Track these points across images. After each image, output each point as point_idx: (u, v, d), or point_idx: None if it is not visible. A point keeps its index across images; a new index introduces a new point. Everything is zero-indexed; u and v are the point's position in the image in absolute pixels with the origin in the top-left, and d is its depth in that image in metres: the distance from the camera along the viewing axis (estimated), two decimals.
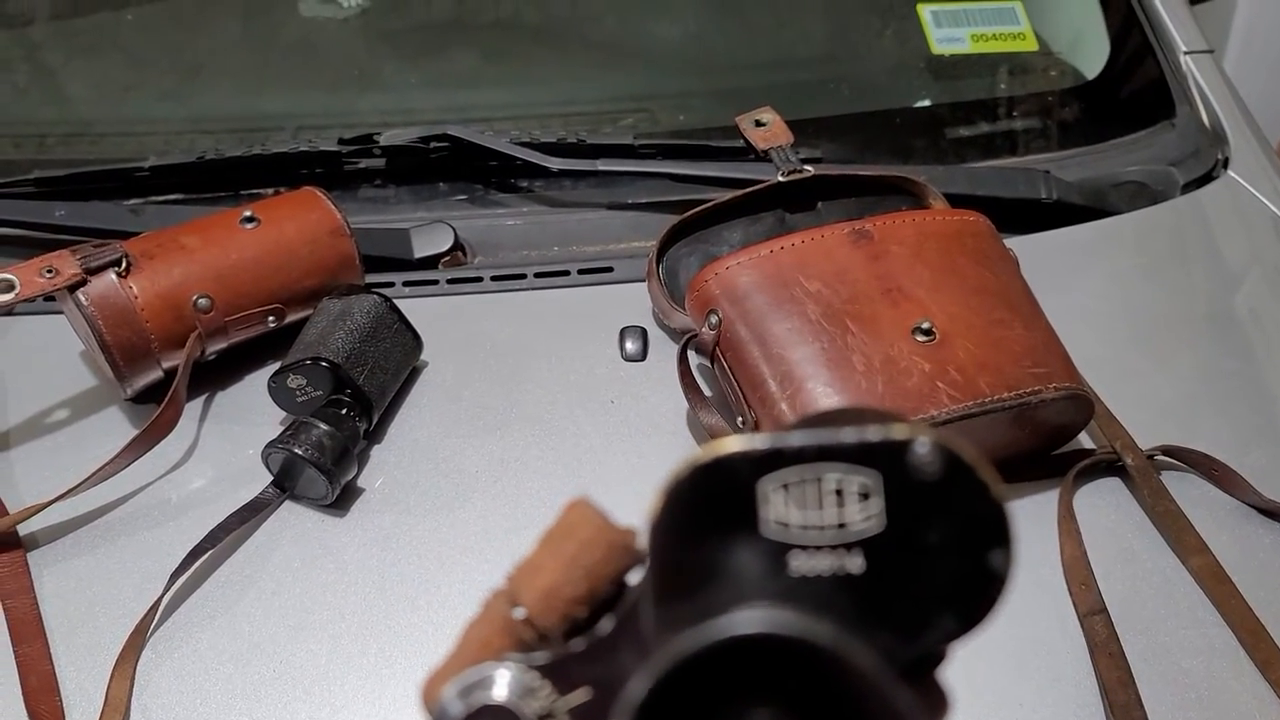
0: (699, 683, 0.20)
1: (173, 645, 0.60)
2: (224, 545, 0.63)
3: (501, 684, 0.23)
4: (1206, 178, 0.88)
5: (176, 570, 0.61)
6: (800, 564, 0.22)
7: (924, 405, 0.60)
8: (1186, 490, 0.65)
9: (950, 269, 0.66)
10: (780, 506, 0.21)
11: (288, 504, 0.66)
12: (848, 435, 0.21)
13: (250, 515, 0.64)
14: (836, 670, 0.20)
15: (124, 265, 0.68)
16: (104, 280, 0.67)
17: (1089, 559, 0.62)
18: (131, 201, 0.84)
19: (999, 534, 0.22)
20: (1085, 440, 0.69)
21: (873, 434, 0.21)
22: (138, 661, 0.58)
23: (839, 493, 0.21)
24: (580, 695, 0.23)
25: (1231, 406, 0.72)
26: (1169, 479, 0.66)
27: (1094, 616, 0.59)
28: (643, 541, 0.24)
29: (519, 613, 0.24)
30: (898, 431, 0.21)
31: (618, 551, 0.24)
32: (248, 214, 0.72)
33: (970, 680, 0.56)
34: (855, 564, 0.22)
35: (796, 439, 0.21)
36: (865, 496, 0.21)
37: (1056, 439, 0.67)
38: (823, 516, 0.21)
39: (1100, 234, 0.82)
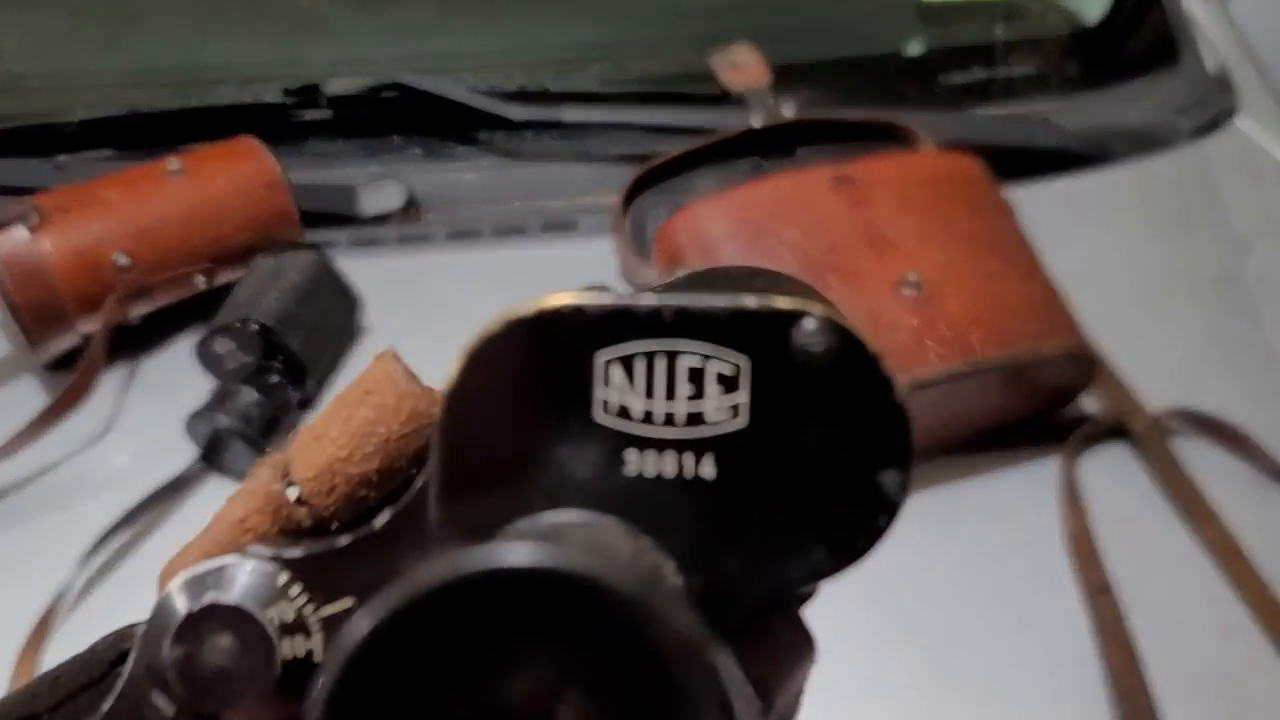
0: (454, 621, 0.16)
1: (85, 637, 0.54)
2: (143, 525, 0.58)
3: (240, 581, 0.19)
4: (1212, 126, 0.82)
5: (87, 554, 0.55)
6: (638, 463, 0.17)
7: (910, 364, 0.54)
8: (1198, 456, 0.61)
9: (940, 217, 0.61)
10: (621, 386, 0.17)
11: (214, 479, 0.60)
12: (717, 301, 0.17)
13: (173, 492, 0.59)
14: (633, 616, 0.15)
15: (34, 219, 0.62)
16: (11, 236, 0.61)
17: (1094, 532, 0.57)
18: (59, 158, 0.78)
19: (895, 447, 0.17)
20: (1088, 404, 0.63)
21: (749, 302, 0.17)
22: (42, 655, 0.53)
23: (697, 376, 0.17)
24: (340, 604, 0.19)
25: (1242, 366, 0.67)
26: (1178, 444, 0.61)
27: (1099, 595, 0.55)
28: None
29: (291, 491, 0.20)
30: (782, 302, 0.17)
31: (423, 421, 0.19)
32: (175, 164, 0.67)
33: (965, 663, 0.52)
34: (708, 468, 0.17)
35: (649, 299, 0.17)
36: (729, 383, 0.17)
37: (1056, 401, 0.62)
38: (674, 405, 0.17)
39: (1102, 185, 0.77)
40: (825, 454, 0.18)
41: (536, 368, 0.17)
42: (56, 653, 0.53)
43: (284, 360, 0.61)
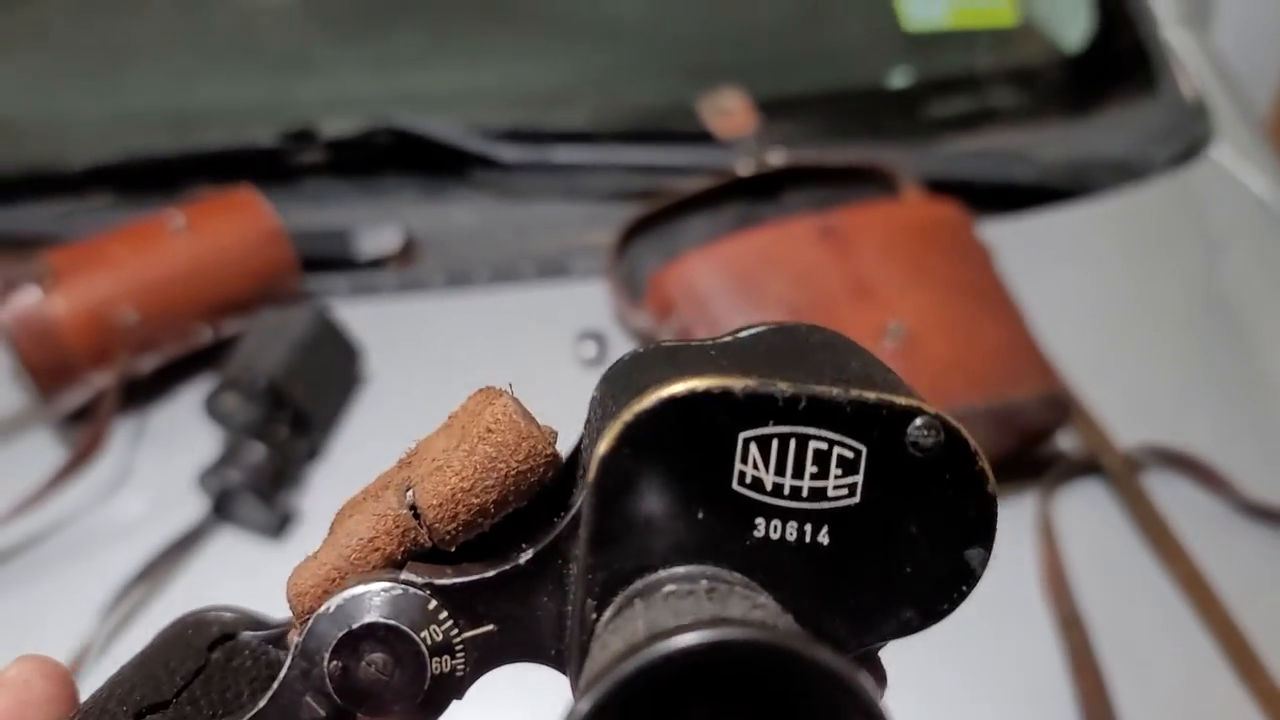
0: (644, 693, 0.18)
1: None
2: (160, 578, 0.60)
3: (396, 605, 0.21)
4: (1191, 155, 0.84)
5: (109, 607, 0.58)
6: (765, 528, 0.20)
7: None
8: (1169, 491, 0.63)
9: (921, 265, 0.63)
10: (758, 462, 0.20)
11: (228, 532, 0.62)
12: (845, 394, 0.20)
13: (188, 545, 0.61)
14: (791, 668, 0.18)
15: (46, 280, 0.64)
16: (24, 296, 0.63)
17: (1066, 566, 0.59)
18: (58, 206, 0.80)
19: (983, 530, 0.21)
20: (1064, 441, 0.66)
21: (871, 397, 0.20)
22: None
23: (822, 457, 0.20)
24: (482, 629, 0.21)
25: (1216, 400, 0.69)
26: (1150, 480, 0.63)
27: (1071, 627, 0.57)
28: (559, 447, 0.22)
29: (414, 515, 0.22)
30: (900, 401, 0.20)
31: (538, 460, 0.22)
32: (179, 220, 0.68)
33: (940, 693, 0.54)
34: (824, 537, 0.20)
35: (786, 389, 0.20)
36: (848, 465, 0.20)
37: (1033, 441, 0.64)
38: (800, 480, 0.20)
39: (1079, 217, 0.79)
40: (924, 531, 0.20)
41: (684, 440, 0.20)
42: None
43: (290, 413, 0.63)
